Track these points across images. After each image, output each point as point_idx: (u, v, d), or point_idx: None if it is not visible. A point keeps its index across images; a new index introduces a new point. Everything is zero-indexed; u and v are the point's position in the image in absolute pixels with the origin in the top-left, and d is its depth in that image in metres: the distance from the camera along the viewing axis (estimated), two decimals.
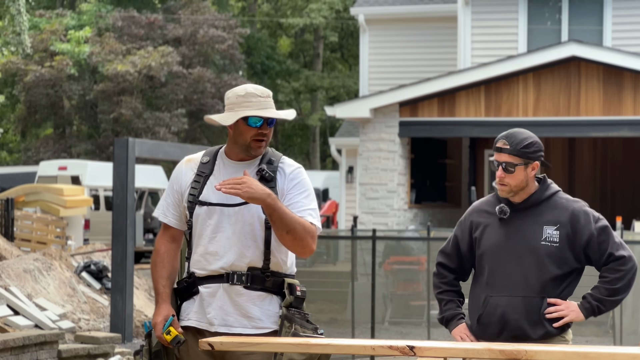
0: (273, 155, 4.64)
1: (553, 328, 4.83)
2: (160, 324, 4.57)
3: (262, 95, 4.56)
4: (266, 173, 4.55)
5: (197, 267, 4.60)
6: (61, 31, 32.99)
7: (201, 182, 4.62)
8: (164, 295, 4.63)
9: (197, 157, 4.72)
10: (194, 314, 4.61)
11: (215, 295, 4.55)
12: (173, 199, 4.69)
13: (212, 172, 4.64)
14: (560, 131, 18.91)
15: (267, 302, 4.55)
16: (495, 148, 4.89)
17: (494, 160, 4.89)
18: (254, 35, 41.37)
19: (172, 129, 32.04)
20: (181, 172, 4.70)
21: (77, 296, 13.59)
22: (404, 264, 15.08)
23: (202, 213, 4.58)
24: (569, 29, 20.29)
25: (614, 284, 4.82)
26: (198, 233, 4.60)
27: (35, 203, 21.22)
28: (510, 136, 4.87)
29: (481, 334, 4.91)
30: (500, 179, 4.86)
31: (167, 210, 4.70)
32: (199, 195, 4.60)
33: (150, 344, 4.64)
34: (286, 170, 4.59)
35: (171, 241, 4.72)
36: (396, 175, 19.38)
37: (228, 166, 4.63)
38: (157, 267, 4.67)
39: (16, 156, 40.55)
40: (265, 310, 4.55)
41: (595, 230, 4.83)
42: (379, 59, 23.15)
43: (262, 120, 4.53)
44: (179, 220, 4.69)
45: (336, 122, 36.74)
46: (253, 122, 4.53)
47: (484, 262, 4.92)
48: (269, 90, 4.64)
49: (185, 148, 14.52)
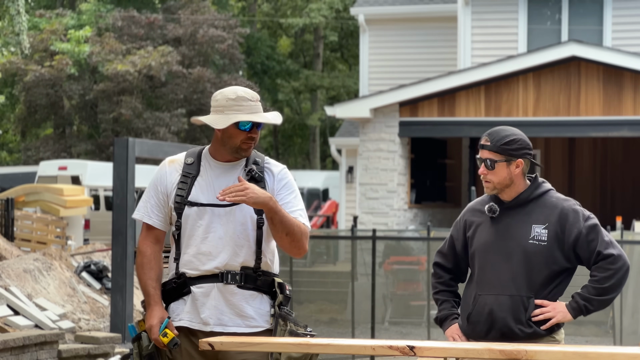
0: (257, 156, 4.70)
1: (540, 328, 4.82)
2: (156, 326, 4.56)
3: (253, 100, 4.60)
4: (256, 174, 4.60)
5: (188, 267, 4.61)
6: (61, 31, 32.98)
7: (188, 182, 4.63)
8: (156, 297, 4.62)
9: (180, 158, 4.73)
10: (186, 314, 4.61)
11: (209, 295, 4.57)
12: (157, 200, 4.69)
13: (198, 173, 4.65)
14: (560, 131, 18.92)
15: (258, 301, 4.59)
16: (479, 145, 4.91)
17: (478, 157, 4.91)
18: (254, 35, 41.36)
19: (172, 128, 32.04)
20: (165, 174, 4.70)
21: (77, 296, 13.59)
22: (404, 264, 15.08)
23: (192, 214, 4.60)
24: (569, 29, 20.30)
25: (602, 283, 4.78)
26: (188, 234, 4.61)
27: (35, 203, 21.22)
28: (492, 133, 4.87)
29: (470, 333, 4.90)
30: (483, 176, 4.87)
31: (152, 211, 4.69)
32: (187, 196, 4.61)
33: (140, 347, 4.62)
34: (273, 171, 4.66)
35: (155, 242, 4.71)
36: (396, 175, 19.38)
37: (215, 167, 4.66)
38: (144, 269, 4.66)
39: (16, 156, 40.55)
40: (257, 309, 4.59)
41: (584, 228, 4.79)
42: (379, 59, 23.15)
43: (252, 124, 4.57)
44: (163, 221, 4.69)
45: (336, 122, 36.74)
46: (243, 126, 4.57)
47: (475, 261, 4.92)
48: (257, 94, 4.68)
49: (185, 148, 14.46)
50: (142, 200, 4.73)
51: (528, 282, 4.80)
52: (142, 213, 4.71)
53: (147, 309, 4.63)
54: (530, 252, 4.80)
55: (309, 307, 15.15)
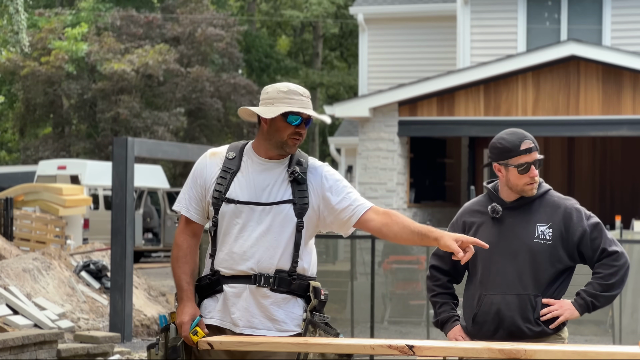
0: (301, 155, 4.55)
1: (548, 327, 4.84)
2: (187, 323, 4.46)
3: (304, 95, 4.47)
4: (299, 175, 4.46)
5: (223, 265, 4.49)
6: (60, 30, 32.97)
7: (228, 178, 4.49)
8: (189, 292, 4.51)
9: (222, 151, 4.58)
10: (217, 312, 4.51)
11: (240, 295, 4.46)
12: (196, 193, 4.56)
13: (239, 169, 4.51)
14: (560, 130, 18.91)
15: (291, 305, 4.49)
16: (525, 149, 4.87)
17: (524, 162, 4.85)
18: (251, 32, 41.36)
19: (171, 127, 32.03)
20: (205, 166, 4.56)
21: (76, 295, 13.58)
22: (403, 263, 15.07)
23: (229, 211, 4.47)
24: (568, 28, 20.29)
25: (607, 280, 4.83)
26: (224, 231, 4.48)
27: (35, 202, 21.21)
28: (529, 135, 4.93)
29: (476, 333, 4.91)
30: (532, 178, 4.87)
31: (190, 204, 4.56)
32: (225, 192, 4.47)
33: (167, 338, 4.52)
34: (318, 170, 4.51)
35: (192, 236, 4.58)
36: (395, 174, 19.38)
37: (256, 163, 4.51)
38: (179, 263, 4.54)
39: (15, 155, 40.53)
40: (289, 313, 4.48)
41: (588, 227, 4.85)
42: (378, 58, 23.15)
43: (301, 119, 4.45)
44: (201, 215, 4.57)
45: (335, 121, 36.75)
46: (292, 120, 4.43)
47: (478, 262, 4.92)
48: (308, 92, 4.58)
49: (185, 147, 14.50)
50: (182, 191, 4.60)
51: (534, 280, 4.83)
52: (181, 205, 4.57)
53: (179, 303, 4.52)
54: (535, 251, 4.82)
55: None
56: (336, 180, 4.52)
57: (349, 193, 4.49)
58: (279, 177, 4.48)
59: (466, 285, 5.04)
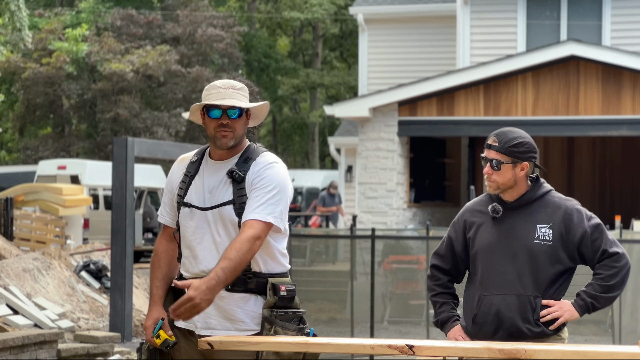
0: (254, 152, 4.53)
1: (548, 329, 4.84)
2: (150, 327, 4.55)
3: (223, 87, 4.48)
4: (236, 174, 4.47)
5: (183, 269, 4.60)
6: (60, 30, 32.97)
7: (187, 182, 4.58)
8: (156, 297, 4.61)
9: (189, 156, 4.67)
10: None
11: None
12: (168, 198, 4.68)
13: (197, 172, 4.58)
14: (559, 130, 18.92)
15: (251, 303, 4.49)
16: (486, 144, 4.90)
17: (483, 156, 4.90)
18: (250, 32, 41.35)
19: (171, 128, 32.03)
20: (173, 172, 4.68)
21: (76, 295, 13.58)
22: (403, 263, 15.07)
23: (185, 214, 4.55)
24: (568, 28, 20.30)
25: (608, 281, 4.82)
26: (182, 234, 4.58)
27: (35, 202, 21.20)
28: (501, 134, 4.87)
29: (476, 334, 4.90)
30: (488, 176, 4.87)
31: (164, 209, 4.69)
32: (184, 196, 4.57)
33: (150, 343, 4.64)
34: (257, 167, 4.47)
35: (170, 240, 4.70)
36: (395, 174, 19.38)
37: (210, 166, 4.57)
38: (153, 267, 4.66)
39: (15, 155, 40.54)
40: (249, 312, 4.49)
41: (589, 227, 4.83)
42: (378, 58, 23.15)
43: (222, 111, 4.45)
44: (174, 219, 4.66)
45: (335, 121, 36.73)
46: (212, 114, 4.45)
47: (478, 262, 4.92)
48: (240, 83, 4.53)
49: (185, 147, 14.51)
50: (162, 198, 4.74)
51: (534, 281, 4.82)
52: (159, 211, 4.71)
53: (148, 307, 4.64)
54: (535, 252, 4.81)
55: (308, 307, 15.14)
56: (262, 180, 4.45)
57: (257, 197, 4.42)
58: (223, 177, 4.51)
59: (466, 285, 5.03)
